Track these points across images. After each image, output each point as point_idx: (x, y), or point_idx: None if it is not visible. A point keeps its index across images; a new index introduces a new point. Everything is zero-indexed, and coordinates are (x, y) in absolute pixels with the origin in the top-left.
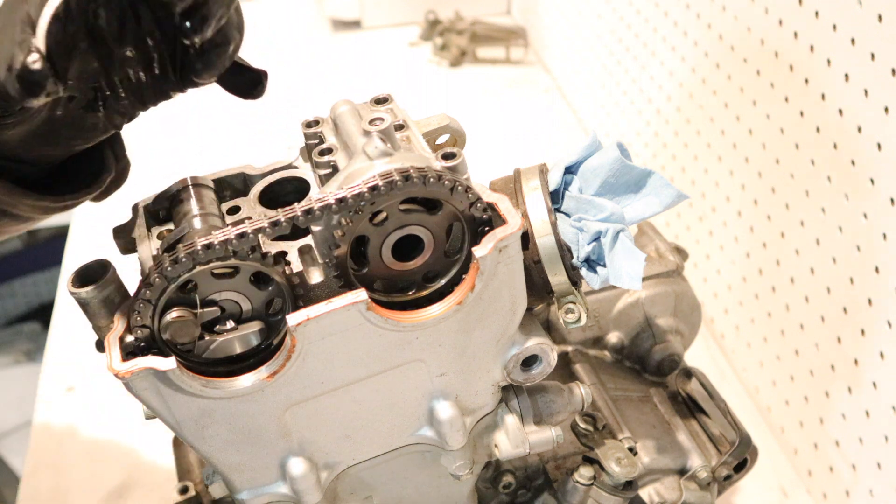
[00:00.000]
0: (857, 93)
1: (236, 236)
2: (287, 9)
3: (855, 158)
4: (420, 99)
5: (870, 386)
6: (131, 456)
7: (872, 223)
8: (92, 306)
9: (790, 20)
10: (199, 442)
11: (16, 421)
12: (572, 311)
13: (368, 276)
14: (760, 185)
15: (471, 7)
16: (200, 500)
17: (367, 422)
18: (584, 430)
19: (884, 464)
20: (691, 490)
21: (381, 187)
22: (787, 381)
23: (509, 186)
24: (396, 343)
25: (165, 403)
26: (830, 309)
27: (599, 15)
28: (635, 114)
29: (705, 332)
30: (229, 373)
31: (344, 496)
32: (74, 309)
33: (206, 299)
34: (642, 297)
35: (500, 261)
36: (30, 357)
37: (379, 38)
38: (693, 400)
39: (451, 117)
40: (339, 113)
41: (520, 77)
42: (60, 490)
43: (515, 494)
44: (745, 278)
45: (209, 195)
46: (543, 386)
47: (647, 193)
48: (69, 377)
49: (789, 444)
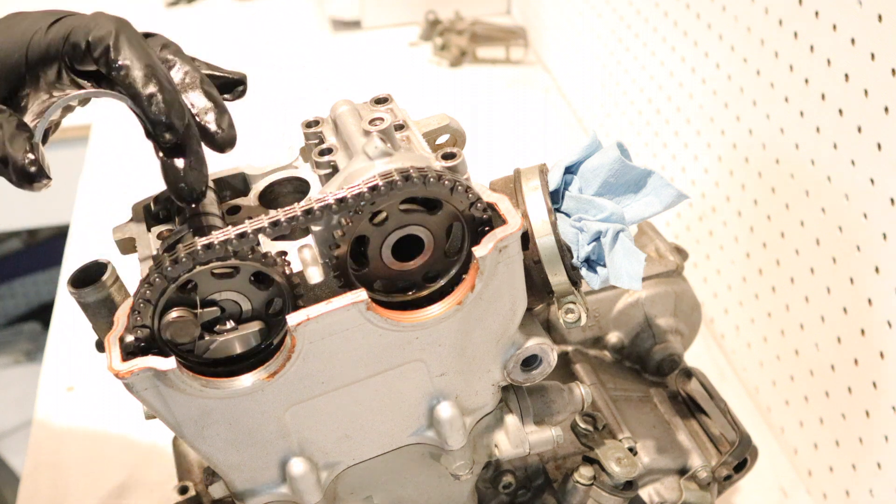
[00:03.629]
0: (858, 93)
1: (236, 236)
2: (287, 9)
3: (855, 158)
4: (420, 99)
5: (870, 386)
6: (131, 456)
7: (872, 223)
8: (92, 306)
9: (790, 20)
10: (199, 442)
11: (16, 421)
12: (572, 311)
13: (368, 276)
14: (761, 185)
15: (471, 7)
16: (200, 500)
17: (367, 422)
18: (584, 430)
19: (884, 464)
20: (691, 490)
21: (381, 187)
22: (787, 381)
23: (509, 186)
24: (396, 343)
25: (165, 403)
26: (830, 309)
27: (599, 15)
28: (635, 114)
29: (705, 332)
30: (229, 373)
31: (344, 496)
32: (74, 309)
33: (206, 299)
34: (642, 297)
35: (500, 261)
36: (30, 357)
37: (379, 38)
38: (693, 400)
39: (451, 117)
40: (339, 113)
41: (520, 77)
42: (60, 490)
43: (515, 494)
44: (745, 278)
45: (209, 195)
46: (543, 386)
47: (647, 193)
48: (69, 377)
49: (789, 444)
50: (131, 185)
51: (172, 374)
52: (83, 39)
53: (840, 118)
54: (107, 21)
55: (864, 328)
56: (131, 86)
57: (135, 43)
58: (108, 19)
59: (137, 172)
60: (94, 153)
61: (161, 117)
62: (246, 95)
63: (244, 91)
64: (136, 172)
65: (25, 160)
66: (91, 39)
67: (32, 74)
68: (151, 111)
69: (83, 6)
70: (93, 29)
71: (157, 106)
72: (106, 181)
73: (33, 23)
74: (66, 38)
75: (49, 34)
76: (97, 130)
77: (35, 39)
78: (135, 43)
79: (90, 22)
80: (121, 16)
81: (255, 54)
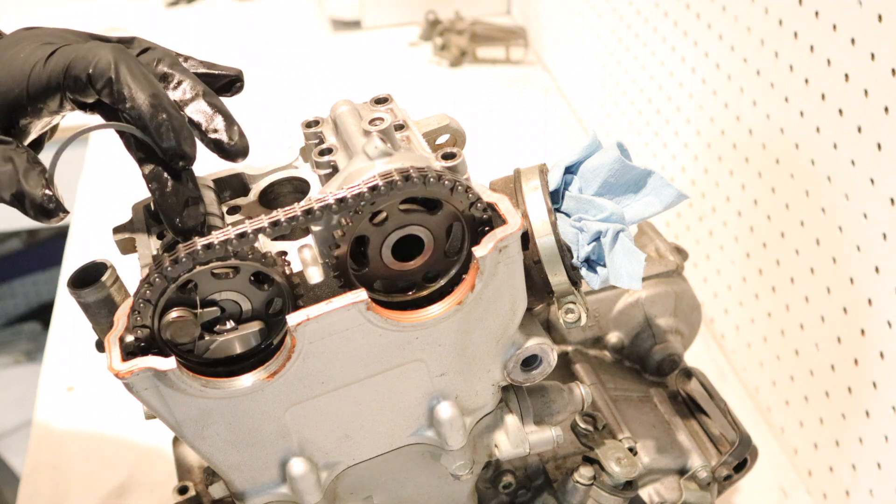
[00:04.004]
0: (858, 93)
1: (236, 236)
2: (287, 9)
3: (855, 158)
4: (420, 99)
5: (870, 386)
6: (131, 456)
7: (872, 223)
8: (92, 306)
9: (790, 21)
10: (199, 442)
11: (16, 421)
12: (572, 311)
13: (368, 276)
14: (760, 185)
15: (471, 7)
16: (200, 500)
17: (366, 422)
18: (584, 430)
19: (884, 464)
20: (691, 490)
21: (381, 187)
22: (787, 381)
23: (509, 186)
24: (396, 343)
25: (165, 403)
26: (830, 309)
27: (599, 15)
28: (635, 114)
29: (705, 332)
30: (229, 373)
31: (344, 496)
32: (74, 309)
33: (206, 299)
34: (642, 297)
35: (500, 261)
36: (30, 357)
37: (379, 38)
38: (693, 400)
39: (451, 117)
40: (339, 113)
41: (520, 77)
42: (60, 490)
43: (515, 494)
44: (745, 278)
45: (209, 195)
46: (543, 386)
47: (647, 193)
48: (69, 377)
49: (789, 444)
50: (131, 185)
51: (172, 374)
52: (83, 73)
53: (840, 118)
54: (105, 52)
55: (864, 328)
56: (140, 118)
57: (136, 73)
58: (105, 50)
59: (137, 172)
60: (94, 153)
61: (173, 146)
62: (245, 94)
63: (241, 87)
64: (136, 172)
65: (43, 198)
66: (91, 73)
67: (34, 106)
68: (163, 142)
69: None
70: (91, 61)
71: (167, 135)
72: (106, 181)
73: (30, 55)
74: (65, 71)
75: (48, 67)
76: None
77: (35, 73)
78: (136, 73)
79: (88, 54)
80: (116, 44)
81: (255, 54)
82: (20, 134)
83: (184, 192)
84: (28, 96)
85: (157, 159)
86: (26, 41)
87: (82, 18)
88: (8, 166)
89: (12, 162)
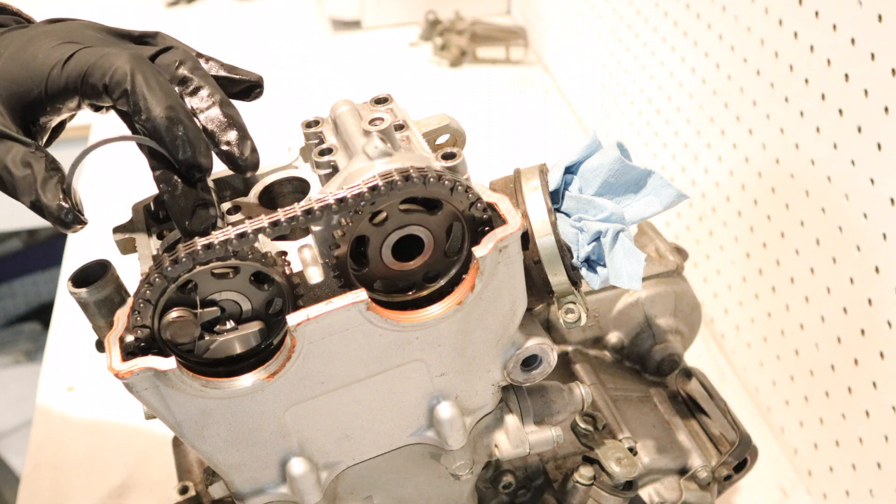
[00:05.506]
0: (858, 93)
1: (236, 236)
2: (287, 9)
3: (855, 158)
4: (420, 99)
5: (870, 386)
6: (131, 456)
7: (872, 223)
8: (92, 306)
9: (790, 21)
10: (199, 442)
11: (16, 421)
12: (572, 311)
13: (368, 276)
14: (760, 185)
15: (471, 7)
16: (200, 500)
17: (366, 422)
18: (584, 430)
19: (884, 464)
20: (691, 490)
21: (381, 187)
22: (787, 381)
23: (509, 186)
24: (396, 343)
25: (165, 403)
26: (830, 309)
27: (599, 15)
28: (635, 114)
29: (705, 332)
30: (229, 373)
31: (344, 496)
32: (74, 309)
33: (206, 299)
34: (642, 297)
35: (500, 261)
36: (30, 357)
37: (379, 38)
38: (693, 400)
39: (451, 117)
40: (339, 113)
41: (520, 77)
42: (60, 490)
43: (515, 494)
44: (745, 278)
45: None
46: (543, 386)
47: (647, 193)
48: (69, 377)
49: (789, 444)
50: (131, 185)
51: (172, 374)
52: (100, 82)
53: (840, 118)
54: (122, 62)
55: (864, 328)
56: (155, 130)
57: (152, 84)
58: (122, 59)
59: (137, 172)
60: (95, 153)
61: (189, 158)
62: None
63: (261, 93)
64: (136, 172)
65: (61, 211)
66: (108, 83)
67: (53, 106)
68: (179, 154)
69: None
70: (108, 71)
71: (183, 148)
72: (106, 181)
73: (49, 54)
74: (82, 77)
75: (66, 70)
76: (97, 130)
77: (53, 75)
78: (152, 84)
79: (105, 62)
80: (134, 51)
81: (255, 54)
82: (40, 131)
83: (194, 195)
84: (47, 96)
85: (170, 165)
86: (46, 37)
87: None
88: (27, 171)
89: (31, 168)
